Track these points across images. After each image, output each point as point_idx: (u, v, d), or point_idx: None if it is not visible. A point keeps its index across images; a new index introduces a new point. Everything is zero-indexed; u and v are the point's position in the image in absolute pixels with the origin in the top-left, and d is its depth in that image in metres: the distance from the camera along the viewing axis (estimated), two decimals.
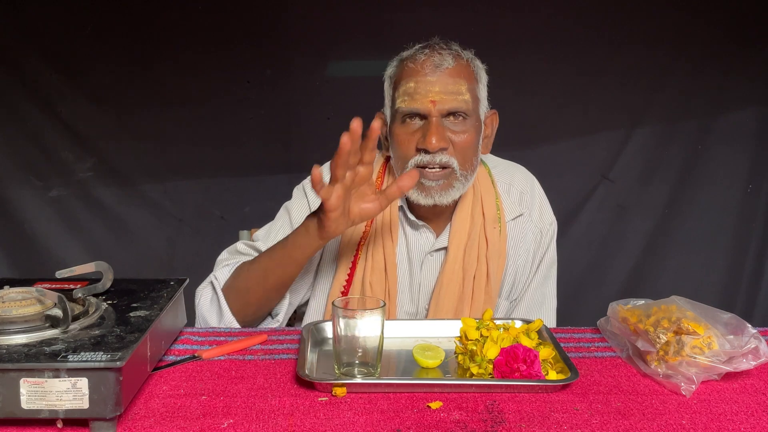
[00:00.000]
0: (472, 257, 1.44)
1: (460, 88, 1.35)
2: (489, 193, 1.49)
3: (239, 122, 2.22)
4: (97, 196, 2.23)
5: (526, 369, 1.05)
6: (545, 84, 2.24)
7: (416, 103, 1.34)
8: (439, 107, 1.34)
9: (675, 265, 2.36)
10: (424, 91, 1.34)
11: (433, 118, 1.34)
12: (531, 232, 1.52)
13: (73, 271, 1.12)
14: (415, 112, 1.35)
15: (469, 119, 1.37)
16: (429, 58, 1.35)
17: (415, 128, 1.36)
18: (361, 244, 1.45)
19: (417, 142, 1.35)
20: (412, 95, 1.35)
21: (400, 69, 1.39)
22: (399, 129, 1.38)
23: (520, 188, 1.53)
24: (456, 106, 1.35)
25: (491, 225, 1.46)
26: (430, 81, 1.34)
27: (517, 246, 1.51)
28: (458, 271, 1.44)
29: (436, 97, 1.34)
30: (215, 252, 2.24)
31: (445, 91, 1.34)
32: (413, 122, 1.37)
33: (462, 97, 1.35)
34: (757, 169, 2.34)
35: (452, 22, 2.16)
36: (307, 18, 2.17)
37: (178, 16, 2.14)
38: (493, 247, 1.45)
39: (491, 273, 1.45)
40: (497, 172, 1.55)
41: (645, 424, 0.94)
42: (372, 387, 1.02)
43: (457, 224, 1.45)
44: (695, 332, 1.07)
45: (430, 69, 1.34)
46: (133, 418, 0.94)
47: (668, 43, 2.23)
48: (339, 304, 1.07)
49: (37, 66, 2.13)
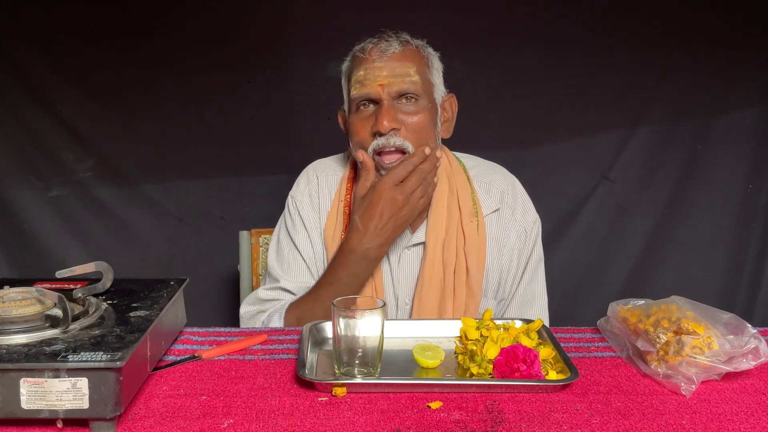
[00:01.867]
0: (450, 252, 1.46)
1: (408, 71, 1.39)
2: (464, 188, 1.52)
3: (239, 122, 2.22)
4: (97, 196, 2.22)
5: (526, 369, 1.05)
6: (545, 84, 2.24)
7: (366, 88, 1.39)
8: (388, 90, 1.38)
9: (675, 265, 2.36)
10: (372, 76, 1.39)
11: (384, 101, 1.38)
12: (515, 230, 1.53)
13: (73, 271, 1.12)
14: (366, 97, 1.40)
15: (420, 100, 1.40)
16: (376, 46, 1.41)
17: (368, 114, 1.41)
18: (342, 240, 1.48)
19: (371, 127, 1.39)
20: (362, 82, 1.40)
21: (352, 61, 1.45)
22: (354, 118, 1.43)
23: (500, 188, 1.55)
24: (405, 87, 1.38)
25: (468, 219, 1.48)
26: (378, 66, 1.39)
27: (499, 243, 1.52)
28: (438, 266, 1.46)
29: (384, 81, 1.38)
30: (215, 252, 2.25)
31: (393, 74, 1.38)
32: (367, 109, 1.41)
33: (410, 79, 1.39)
34: (757, 169, 2.34)
35: (452, 23, 2.16)
36: (306, 18, 2.17)
37: (178, 16, 2.14)
38: (471, 241, 1.47)
39: (471, 267, 1.47)
40: (477, 172, 1.57)
41: (645, 424, 0.94)
42: (372, 387, 1.02)
43: (434, 219, 1.48)
44: (695, 332, 1.07)
45: (377, 55, 1.40)
46: (133, 418, 0.94)
47: (668, 44, 2.23)
48: (339, 304, 1.07)
49: (37, 66, 2.13)
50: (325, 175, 1.57)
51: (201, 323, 1.31)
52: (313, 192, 1.55)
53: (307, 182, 1.57)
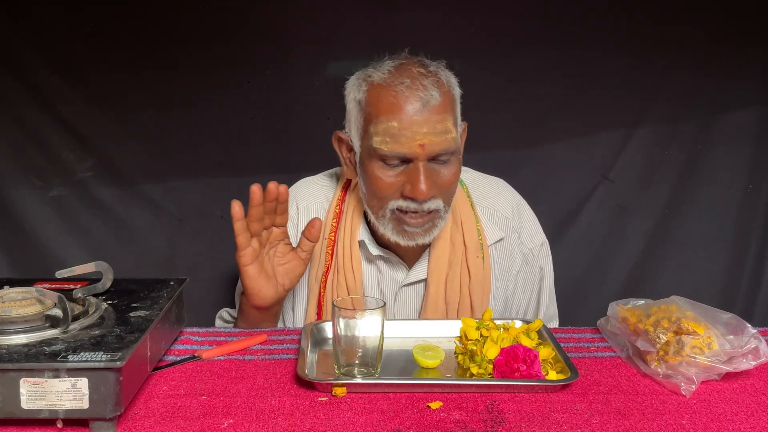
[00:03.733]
0: (454, 290, 1.35)
1: (447, 125, 1.22)
2: (469, 220, 1.39)
3: (239, 122, 2.21)
4: (97, 196, 2.22)
5: (526, 369, 1.05)
6: (545, 84, 2.24)
7: (402, 147, 1.20)
8: (429, 150, 1.20)
9: (675, 265, 2.36)
10: (410, 133, 1.19)
11: (421, 163, 1.21)
12: (520, 253, 1.45)
13: (73, 271, 1.12)
14: (401, 157, 1.22)
15: (454, 156, 1.26)
16: (412, 93, 1.20)
17: (398, 171, 1.24)
18: (324, 282, 1.37)
19: (402, 188, 1.24)
20: (396, 137, 1.20)
21: (376, 99, 1.23)
22: (378, 170, 1.24)
23: (506, 214, 1.44)
24: (446, 147, 1.22)
25: (473, 254, 1.37)
26: (417, 121, 1.19)
27: (504, 271, 1.44)
28: (441, 304, 1.36)
29: (425, 140, 1.20)
30: (215, 252, 2.25)
31: (434, 132, 1.20)
32: (396, 166, 1.24)
33: (450, 136, 1.23)
34: (757, 169, 2.34)
35: (452, 23, 2.16)
36: (307, 18, 2.17)
37: (178, 16, 2.14)
38: (476, 278, 1.37)
39: (475, 305, 1.37)
40: (479, 196, 1.45)
41: (645, 424, 0.94)
42: (372, 387, 1.02)
43: (436, 255, 1.36)
44: (695, 332, 1.07)
45: (416, 107, 1.20)
46: (133, 418, 0.95)
47: (668, 44, 2.23)
48: (339, 304, 1.07)
49: (37, 66, 2.12)
50: (305, 203, 1.44)
51: (201, 323, 1.31)
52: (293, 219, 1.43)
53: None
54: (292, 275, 1.27)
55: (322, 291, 1.39)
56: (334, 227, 1.38)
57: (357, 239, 1.37)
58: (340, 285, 1.36)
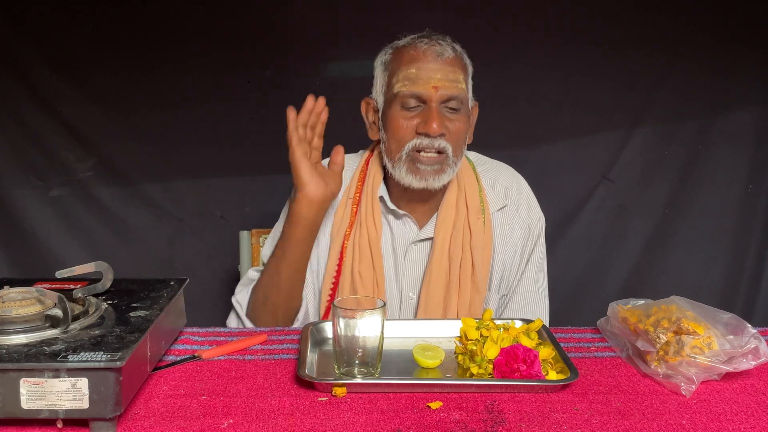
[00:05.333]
0: (457, 247, 1.48)
1: (458, 77, 1.42)
2: (472, 186, 1.54)
3: (239, 122, 2.22)
4: (97, 196, 2.23)
5: (526, 369, 1.05)
6: (545, 84, 2.24)
7: (418, 87, 1.39)
8: (441, 93, 1.39)
9: (675, 265, 2.36)
10: (426, 77, 1.39)
11: (434, 104, 1.39)
12: (519, 227, 1.55)
13: (73, 271, 1.12)
14: (416, 96, 1.40)
15: (462, 108, 1.43)
16: (430, 47, 1.41)
17: (414, 113, 1.41)
18: (347, 235, 1.50)
19: (417, 126, 1.41)
20: (414, 80, 1.40)
21: (399, 56, 1.44)
22: (398, 113, 1.43)
23: (505, 184, 1.57)
24: (456, 93, 1.40)
25: (474, 216, 1.50)
26: (432, 68, 1.40)
27: (504, 239, 1.54)
28: (445, 261, 1.48)
29: (438, 83, 1.39)
30: (215, 252, 2.25)
31: (447, 78, 1.40)
32: (413, 108, 1.42)
33: (460, 85, 1.42)
34: (757, 169, 2.34)
35: (452, 23, 2.15)
36: (306, 18, 2.17)
37: (179, 16, 2.14)
38: (477, 237, 1.49)
39: (476, 263, 1.48)
40: (483, 169, 1.59)
41: (645, 424, 0.94)
42: (372, 387, 1.02)
43: (443, 215, 1.50)
44: (695, 332, 1.07)
45: (432, 57, 1.40)
46: (133, 418, 0.95)
47: (668, 44, 2.23)
48: (339, 304, 1.07)
49: (37, 66, 2.13)
50: None
51: (201, 323, 1.31)
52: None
53: None
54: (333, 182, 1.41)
55: (345, 242, 1.49)
56: (359, 188, 1.54)
57: (378, 195, 1.51)
58: (362, 236, 1.49)
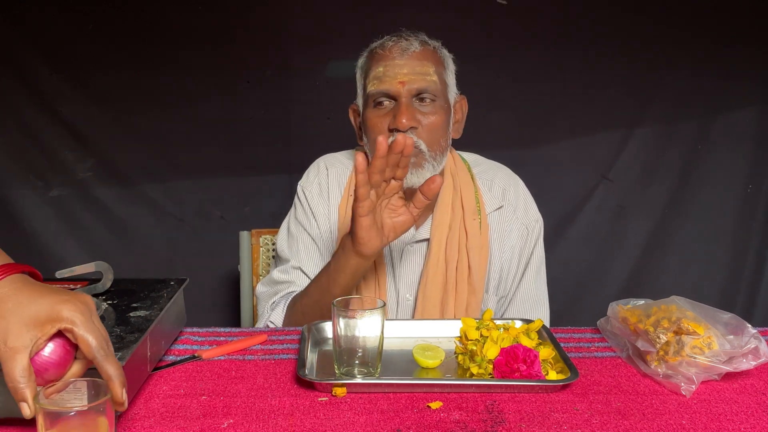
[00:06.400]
0: (453, 249, 1.47)
1: (428, 69, 1.40)
2: (468, 187, 1.53)
3: (239, 122, 2.22)
4: (97, 196, 2.23)
5: (526, 369, 1.05)
6: (545, 84, 2.24)
7: (385, 84, 1.39)
8: (408, 87, 1.38)
9: (675, 265, 2.36)
10: (392, 73, 1.39)
11: (403, 99, 1.38)
12: (516, 228, 1.54)
13: (73, 271, 1.12)
14: (385, 94, 1.40)
15: (437, 101, 1.41)
16: (396, 44, 1.41)
17: (386, 111, 1.41)
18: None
19: (388, 123, 1.39)
20: (381, 78, 1.40)
21: (370, 57, 1.45)
22: (371, 113, 1.42)
23: (502, 185, 1.56)
24: (424, 86, 1.39)
25: (470, 217, 1.50)
26: (398, 64, 1.39)
27: (501, 240, 1.53)
28: (441, 263, 1.47)
29: (404, 78, 1.38)
30: (215, 252, 2.25)
31: (413, 72, 1.39)
32: (384, 106, 1.41)
33: (430, 78, 1.40)
34: (757, 170, 2.34)
35: (452, 23, 2.16)
36: (307, 18, 2.17)
37: (179, 16, 2.14)
38: (473, 239, 1.49)
39: (473, 265, 1.47)
40: (480, 170, 1.58)
41: (645, 424, 0.94)
42: (372, 387, 1.02)
43: (439, 216, 1.49)
44: (695, 332, 1.07)
45: (398, 53, 1.40)
46: (133, 418, 0.94)
47: (668, 44, 2.23)
48: (339, 304, 1.07)
49: (37, 66, 2.13)
50: (334, 167, 1.58)
51: (201, 323, 1.31)
52: (322, 182, 1.56)
53: (317, 173, 1.58)
54: (398, 229, 1.31)
55: None
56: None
57: None
58: None
